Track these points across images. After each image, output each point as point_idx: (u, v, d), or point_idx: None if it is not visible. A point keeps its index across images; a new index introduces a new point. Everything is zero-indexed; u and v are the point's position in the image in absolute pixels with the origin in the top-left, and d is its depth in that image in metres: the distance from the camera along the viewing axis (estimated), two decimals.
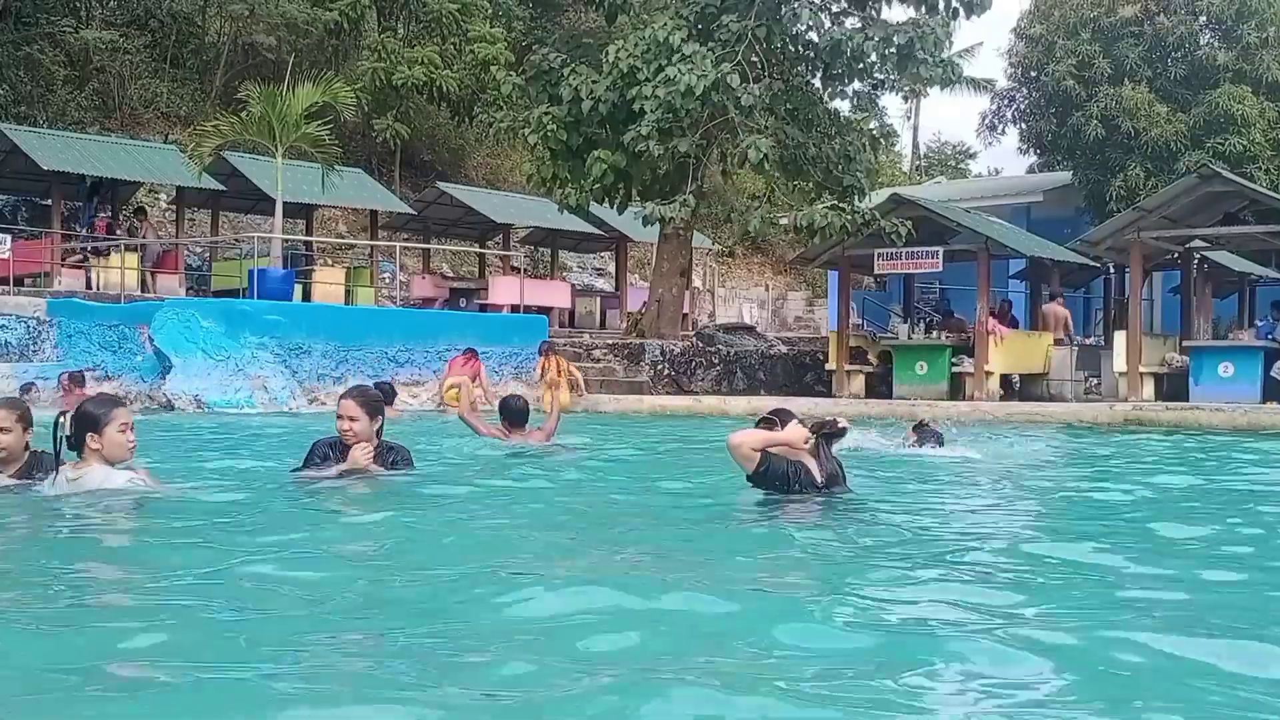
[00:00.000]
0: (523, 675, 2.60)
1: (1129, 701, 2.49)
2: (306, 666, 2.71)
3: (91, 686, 2.54)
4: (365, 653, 2.85)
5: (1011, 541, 4.91)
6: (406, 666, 2.68)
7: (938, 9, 20.15)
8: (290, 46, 29.79)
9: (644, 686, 2.47)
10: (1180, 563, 4.27)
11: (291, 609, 3.33)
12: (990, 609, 3.30)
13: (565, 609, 3.21)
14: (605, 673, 2.61)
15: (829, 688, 2.54)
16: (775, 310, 35.39)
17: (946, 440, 9.85)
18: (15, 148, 21.85)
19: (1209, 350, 18.31)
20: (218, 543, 4.55)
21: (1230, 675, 2.64)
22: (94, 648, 2.84)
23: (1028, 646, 2.84)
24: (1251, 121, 25.44)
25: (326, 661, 2.76)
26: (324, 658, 2.79)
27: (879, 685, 2.56)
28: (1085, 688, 2.56)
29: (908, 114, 53.40)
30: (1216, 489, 7.56)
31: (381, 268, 27.52)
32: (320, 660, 2.76)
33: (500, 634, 3.00)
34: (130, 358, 16.61)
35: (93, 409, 5.40)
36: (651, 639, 2.90)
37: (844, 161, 20.65)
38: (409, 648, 2.87)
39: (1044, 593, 3.69)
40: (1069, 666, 2.68)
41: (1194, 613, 3.36)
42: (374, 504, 5.77)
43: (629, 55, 19.31)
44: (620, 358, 20.36)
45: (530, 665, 2.67)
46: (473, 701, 2.44)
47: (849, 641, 2.93)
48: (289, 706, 2.38)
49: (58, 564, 4.11)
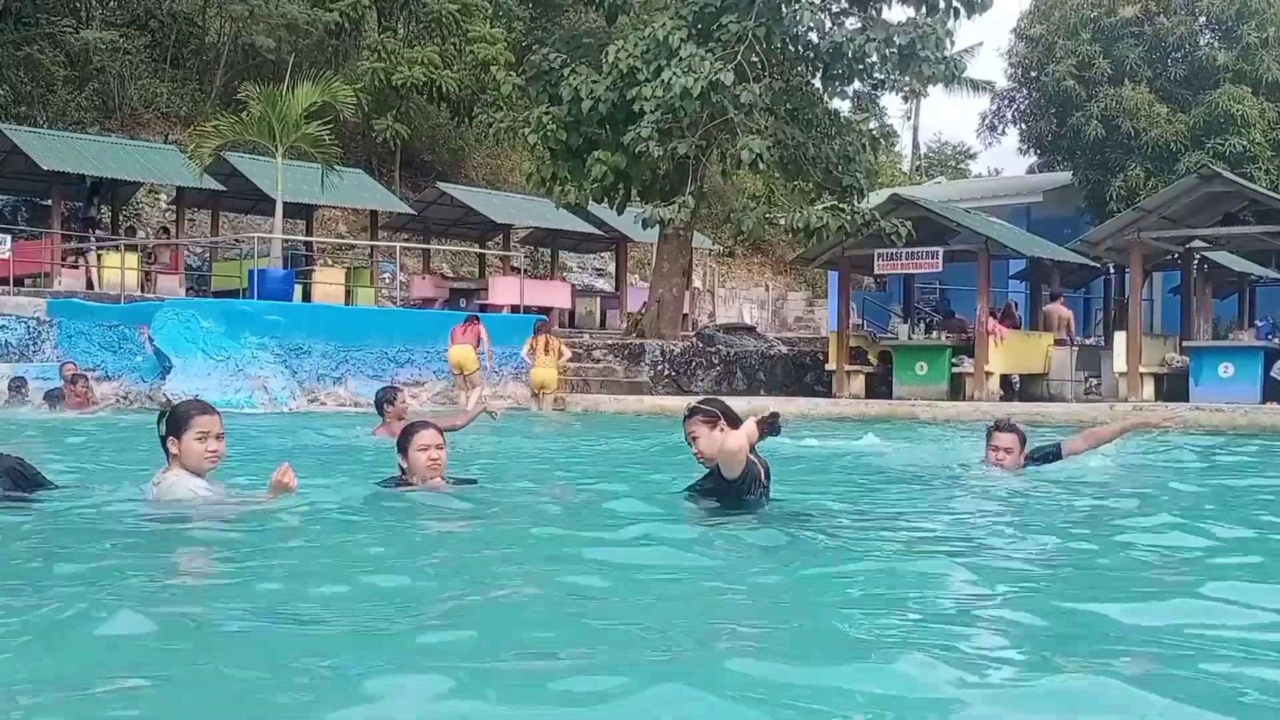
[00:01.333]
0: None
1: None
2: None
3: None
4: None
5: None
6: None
7: (938, 8, 20.16)
8: (290, 47, 29.78)
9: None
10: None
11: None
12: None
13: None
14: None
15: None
16: (775, 310, 35.39)
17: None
18: (15, 148, 21.87)
19: (1209, 350, 18.31)
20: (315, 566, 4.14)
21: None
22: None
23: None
24: (1251, 122, 25.43)
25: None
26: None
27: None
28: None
29: (908, 114, 53.43)
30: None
31: (381, 268, 27.53)
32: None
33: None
34: (130, 358, 16.62)
35: (177, 411, 5.03)
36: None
37: (843, 162, 20.66)
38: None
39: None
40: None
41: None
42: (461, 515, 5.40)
43: (629, 55, 19.32)
44: (620, 358, 20.36)
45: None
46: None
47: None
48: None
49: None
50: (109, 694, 2.54)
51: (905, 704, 2.49)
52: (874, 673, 2.69)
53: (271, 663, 2.77)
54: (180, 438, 4.92)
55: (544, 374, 17.20)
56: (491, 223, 27.19)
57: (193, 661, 2.80)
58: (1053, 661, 2.82)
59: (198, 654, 2.87)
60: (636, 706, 2.40)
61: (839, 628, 3.16)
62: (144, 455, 6.68)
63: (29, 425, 11.85)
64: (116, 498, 5.47)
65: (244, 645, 2.99)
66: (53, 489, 5.55)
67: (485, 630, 3.10)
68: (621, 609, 3.43)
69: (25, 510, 5.17)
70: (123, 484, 5.77)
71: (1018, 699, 2.55)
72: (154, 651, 2.89)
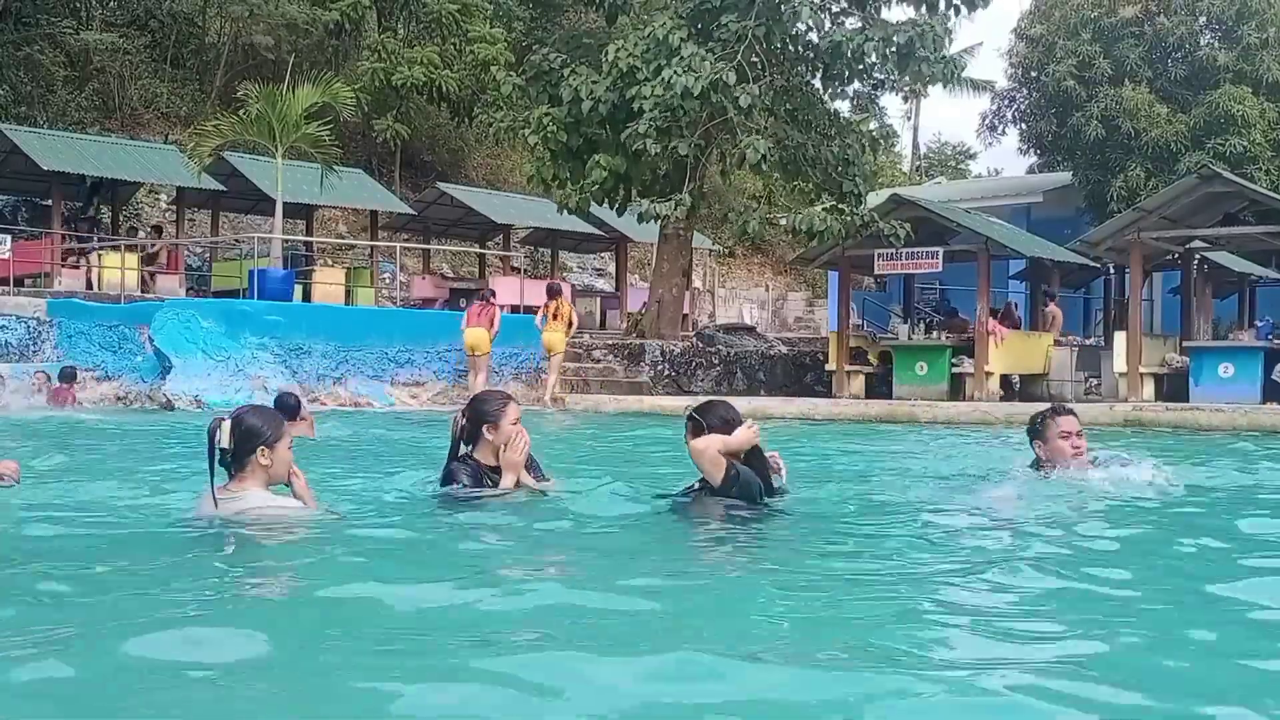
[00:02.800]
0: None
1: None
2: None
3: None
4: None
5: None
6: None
7: (937, 7, 20.15)
8: (290, 47, 29.79)
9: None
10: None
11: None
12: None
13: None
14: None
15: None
16: (775, 311, 35.39)
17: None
18: (15, 148, 21.86)
19: (1209, 351, 18.30)
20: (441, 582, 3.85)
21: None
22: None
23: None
24: (1252, 122, 25.43)
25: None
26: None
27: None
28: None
29: (908, 114, 53.44)
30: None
31: (381, 268, 27.53)
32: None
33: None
34: (130, 358, 16.61)
35: (261, 421, 4.66)
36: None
37: (842, 165, 20.65)
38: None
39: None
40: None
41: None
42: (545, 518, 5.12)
43: (629, 55, 19.31)
44: (620, 358, 20.35)
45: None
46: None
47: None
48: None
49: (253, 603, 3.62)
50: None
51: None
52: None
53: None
54: (274, 448, 4.59)
55: (552, 337, 17.73)
56: (491, 223, 27.18)
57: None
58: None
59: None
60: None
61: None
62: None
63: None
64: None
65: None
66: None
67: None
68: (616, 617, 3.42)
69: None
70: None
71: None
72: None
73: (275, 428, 4.64)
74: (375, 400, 16.78)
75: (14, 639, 2.90)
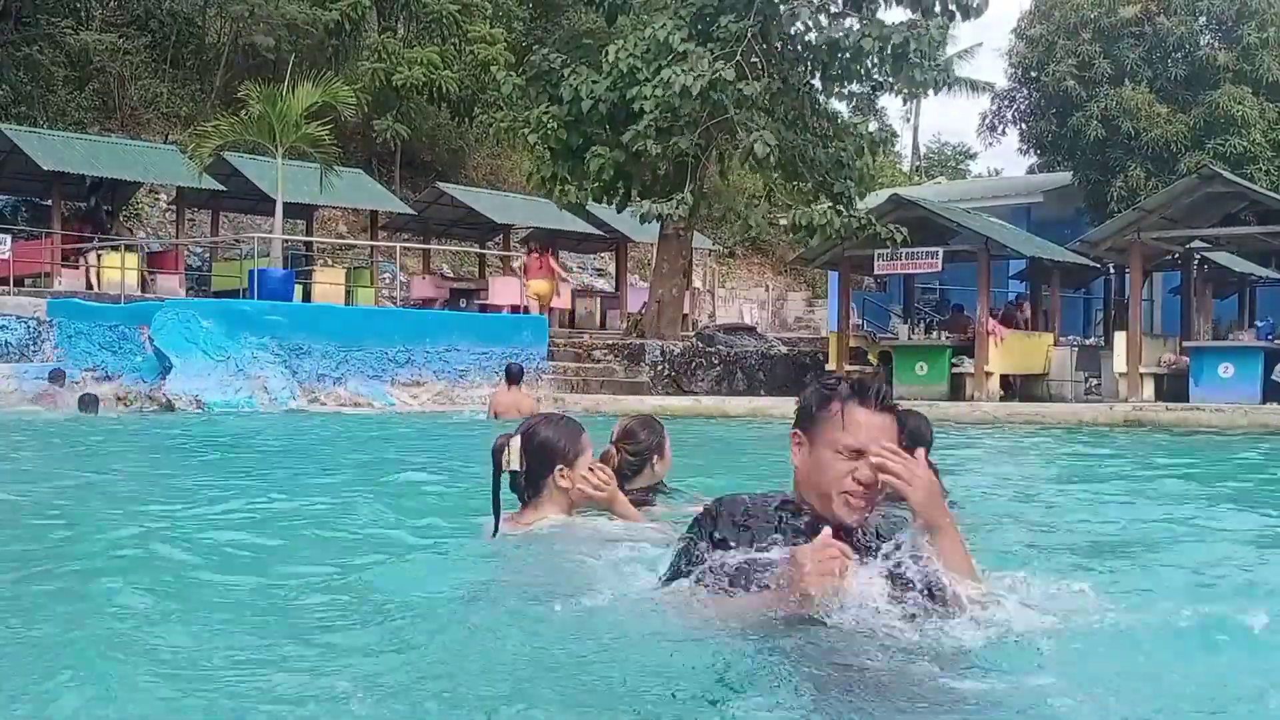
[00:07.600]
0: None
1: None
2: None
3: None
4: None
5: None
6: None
7: (934, 11, 20.16)
8: (290, 47, 29.76)
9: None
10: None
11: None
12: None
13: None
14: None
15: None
16: (775, 311, 35.40)
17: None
18: (15, 148, 21.86)
19: (1209, 351, 18.31)
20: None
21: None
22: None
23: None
24: (1252, 122, 25.43)
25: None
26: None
27: None
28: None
29: (907, 114, 53.55)
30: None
31: (381, 268, 27.53)
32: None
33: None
34: (130, 358, 16.61)
35: (558, 435, 3.94)
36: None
37: (835, 167, 20.64)
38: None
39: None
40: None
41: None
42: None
43: (629, 55, 19.32)
44: (620, 358, 20.36)
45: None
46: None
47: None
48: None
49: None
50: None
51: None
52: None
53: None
54: (574, 466, 3.90)
55: (539, 285, 18.20)
56: (491, 223, 27.17)
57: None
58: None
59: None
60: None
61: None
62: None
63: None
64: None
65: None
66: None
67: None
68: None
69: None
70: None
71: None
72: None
73: (574, 442, 3.92)
74: (375, 400, 16.79)
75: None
